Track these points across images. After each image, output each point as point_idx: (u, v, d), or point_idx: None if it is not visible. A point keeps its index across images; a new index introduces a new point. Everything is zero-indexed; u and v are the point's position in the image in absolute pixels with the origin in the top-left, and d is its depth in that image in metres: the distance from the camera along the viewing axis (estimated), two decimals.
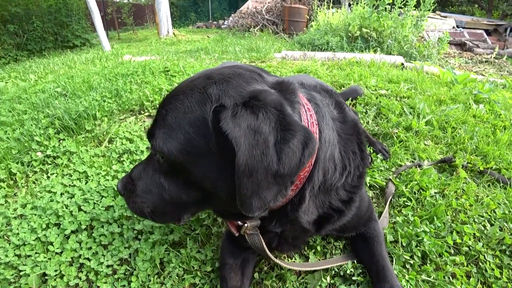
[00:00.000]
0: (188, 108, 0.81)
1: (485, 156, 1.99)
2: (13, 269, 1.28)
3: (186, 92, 0.84)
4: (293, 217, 0.98)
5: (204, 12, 18.30)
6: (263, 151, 0.72)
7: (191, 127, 0.80)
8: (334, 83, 3.04)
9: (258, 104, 0.75)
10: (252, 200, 0.76)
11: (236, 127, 0.72)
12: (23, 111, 2.46)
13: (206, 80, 0.84)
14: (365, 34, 5.71)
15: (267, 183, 0.75)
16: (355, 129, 1.10)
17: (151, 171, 0.95)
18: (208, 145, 0.79)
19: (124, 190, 1.01)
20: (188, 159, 0.82)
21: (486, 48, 8.63)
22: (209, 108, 0.79)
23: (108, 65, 3.96)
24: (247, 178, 0.73)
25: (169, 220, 1.04)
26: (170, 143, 0.82)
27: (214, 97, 0.79)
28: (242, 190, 0.74)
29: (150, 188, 0.94)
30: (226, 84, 0.81)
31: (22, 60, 7.93)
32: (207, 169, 0.82)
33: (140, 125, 2.32)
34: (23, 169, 1.86)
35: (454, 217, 1.51)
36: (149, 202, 0.95)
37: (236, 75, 0.85)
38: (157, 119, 0.87)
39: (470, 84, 3.31)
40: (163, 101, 0.89)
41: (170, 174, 0.90)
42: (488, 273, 1.26)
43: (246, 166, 0.72)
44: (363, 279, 1.22)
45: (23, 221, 1.48)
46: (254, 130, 0.72)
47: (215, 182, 0.83)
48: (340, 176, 1.01)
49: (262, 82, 0.87)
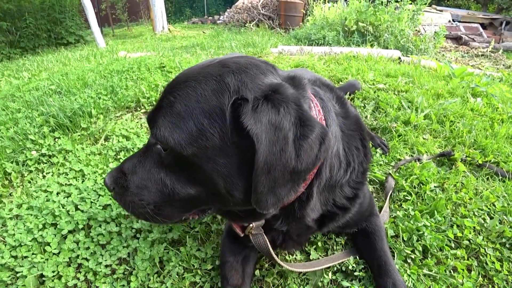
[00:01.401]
0: (202, 97, 0.75)
1: (483, 150, 2.00)
2: (9, 271, 1.26)
3: (199, 79, 0.77)
4: (300, 214, 0.96)
5: (200, 8, 18.11)
6: (282, 148, 0.70)
7: (205, 118, 0.74)
8: (332, 78, 3.02)
9: (279, 98, 0.72)
10: (268, 197, 0.74)
11: (258, 122, 0.68)
12: (17, 110, 2.41)
13: (221, 68, 0.79)
14: (361, 29, 5.69)
15: (283, 180, 0.74)
16: (358, 125, 1.09)
17: (148, 164, 0.85)
18: (223, 139, 0.74)
19: (115, 185, 0.89)
20: (198, 153, 0.75)
21: (482, 42, 8.64)
22: (227, 99, 0.74)
23: (103, 61, 3.91)
24: (265, 176, 0.71)
25: (171, 221, 0.93)
26: (178, 134, 0.74)
27: (232, 88, 0.74)
28: (259, 188, 0.72)
29: (147, 183, 0.85)
30: (244, 75, 0.77)
31: (15, 58, 7.80)
32: (219, 164, 0.76)
33: (137, 122, 2.29)
34: (18, 169, 1.83)
35: (454, 211, 1.51)
36: (147, 199, 0.85)
37: (253, 66, 0.81)
38: (162, 106, 0.79)
39: (468, 78, 3.30)
40: (170, 86, 0.81)
41: (172, 169, 0.82)
42: (488, 266, 1.26)
43: (265, 163, 0.69)
44: (365, 274, 1.22)
45: (19, 221, 1.45)
46: (275, 126, 0.69)
47: (228, 178, 0.77)
48: (344, 173, 1.00)
49: (277, 75, 0.85)
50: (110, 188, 0.90)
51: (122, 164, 0.92)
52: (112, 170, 0.93)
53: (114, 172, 0.91)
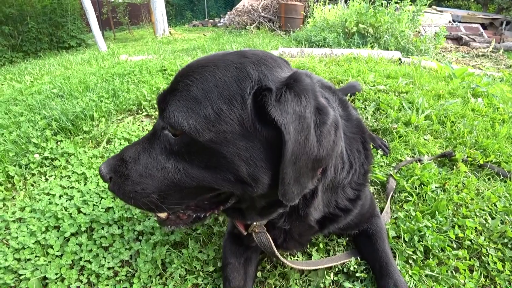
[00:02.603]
0: (222, 82, 0.73)
1: (484, 150, 1.99)
2: (13, 274, 1.27)
3: (218, 65, 0.76)
4: (303, 213, 0.97)
5: (200, 11, 18.21)
6: (306, 136, 0.71)
7: (224, 103, 0.72)
8: (332, 79, 3.03)
9: (300, 87, 0.73)
10: (294, 188, 0.75)
11: (284, 113, 0.69)
12: (19, 113, 2.43)
13: (241, 57, 0.78)
14: (362, 30, 5.70)
15: (307, 169, 0.74)
16: (359, 128, 1.12)
17: (154, 152, 0.80)
18: (243, 125, 0.72)
19: (113, 173, 0.82)
20: (216, 138, 0.72)
21: (482, 42, 8.64)
22: (248, 88, 0.73)
23: (105, 65, 3.94)
24: (291, 166, 0.71)
25: (178, 207, 0.87)
26: (194, 119, 0.71)
27: (254, 77, 0.74)
28: (287, 179, 0.72)
29: (152, 172, 0.79)
30: (264, 67, 0.77)
31: (17, 61, 7.85)
32: (240, 148, 0.73)
33: (138, 125, 2.30)
34: (20, 172, 1.84)
35: (455, 211, 1.51)
36: (151, 188, 0.80)
37: (271, 58, 0.82)
38: (176, 89, 0.76)
39: (468, 78, 3.30)
40: (186, 71, 0.78)
41: (184, 155, 0.77)
42: (490, 267, 1.26)
43: (292, 154, 0.69)
44: (367, 275, 1.22)
45: (22, 224, 1.46)
46: (299, 115, 0.70)
47: (251, 161, 0.74)
48: (347, 174, 1.02)
49: (291, 69, 0.85)
50: (106, 177, 0.83)
51: (122, 152, 0.86)
52: (109, 158, 0.86)
53: (112, 160, 0.85)
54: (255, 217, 0.95)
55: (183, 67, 0.82)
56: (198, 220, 0.94)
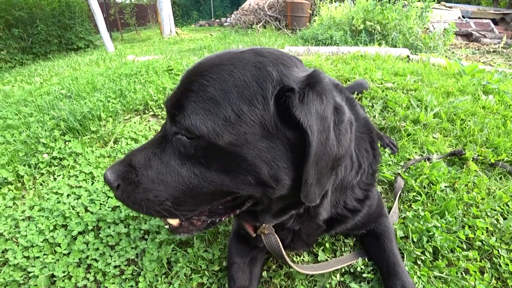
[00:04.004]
0: (241, 81, 0.70)
1: (496, 148, 1.95)
2: (22, 271, 1.29)
3: (236, 64, 0.73)
4: (313, 213, 0.96)
5: (206, 10, 18.28)
6: (327, 136, 0.70)
7: (244, 104, 0.69)
8: (339, 78, 3.00)
9: (321, 86, 0.72)
10: (316, 189, 0.74)
11: (308, 114, 0.68)
12: (29, 114, 2.47)
13: (257, 56, 0.75)
14: (369, 27, 5.63)
15: (327, 169, 0.74)
16: (367, 127, 1.10)
17: (167, 156, 0.76)
18: (264, 126, 0.70)
19: (120, 180, 0.77)
20: (237, 140, 0.69)
21: (493, 38, 8.44)
22: (270, 88, 0.71)
23: (112, 65, 3.98)
24: (314, 167, 0.70)
25: (192, 213, 0.83)
26: (213, 121, 0.68)
27: (275, 77, 0.72)
28: (310, 180, 0.71)
29: (165, 178, 0.75)
30: (282, 66, 0.75)
31: (27, 63, 8.00)
32: (262, 149, 0.71)
33: (145, 125, 2.31)
34: (30, 171, 1.87)
35: (465, 211, 1.48)
36: (164, 195, 0.76)
37: (287, 57, 0.80)
38: (191, 90, 0.71)
39: (478, 75, 3.23)
40: (200, 70, 0.74)
41: (201, 159, 0.73)
42: (502, 268, 1.23)
43: (315, 155, 0.69)
44: (374, 276, 1.20)
45: (31, 223, 1.49)
46: (321, 116, 0.69)
47: (273, 163, 0.72)
48: (356, 174, 1.01)
49: (305, 69, 0.84)
50: (114, 184, 0.77)
51: (129, 157, 0.80)
52: (115, 164, 0.81)
53: (119, 166, 0.79)
54: (268, 219, 0.94)
55: (193, 65, 0.78)
56: (212, 225, 0.91)
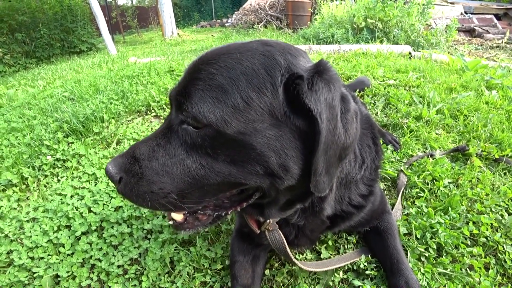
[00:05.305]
0: (249, 69, 0.70)
1: (500, 144, 1.93)
2: (26, 271, 1.30)
3: (243, 52, 0.72)
4: (318, 208, 0.96)
5: (207, 11, 18.32)
6: (335, 125, 0.70)
7: (253, 92, 0.69)
8: (341, 75, 2.99)
9: (329, 74, 0.73)
10: (325, 179, 0.74)
11: (318, 101, 0.68)
12: (32, 117, 2.49)
13: (264, 45, 0.75)
14: (370, 25, 5.60)
15: (335, 158, 0.74)
16: (369, 123, 1.11)
17: (172, 147, 0.74)
18: (273, 114, 0.70)
19: (123, 173, 0.75)
20: (245, 129, 0.68)
21: (496, 33, 8.36)
22: (279, 76, 0.71)
23: (114, 68, 4.00)
24: (323, 156, 0.70)
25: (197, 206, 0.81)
26: (222, 109, 0.67)
27: (284, 65, 0.72)
28: (319, 169, 0.71)
29: (170, 169, 0.73)
30: (289, 55, 0.75)
31: (31, 67, 8.08)
32: (270, 138, 0.70)
33: (147, 126, 2.32)
34: (34, 173, 1.89)
35: (469, 207, 1.47)
36: (169, 187, 0.74)
37: (293, 47, 0.80)
38: (198, 78, 0.70)
39: (482, 70, 3.20)
40: (207, 58, 0.73)
41: (208, 149, 0.71)
42: (507, 264, 1.21)
43: (324, 143, 0.68)
44: (377, 273, 1.19)
45: (35, 224, 1.50)
46: (329, 104, 0.69)
47: (282, 151, 0.71)
48: (359, 169, 1.02)
49: (310, 60, 0.84)
50: (116, 177, 0.75)
51: (132, 150, 0.78)
52: (117, 157, 0.78)
53: (121, 159, 0.77)
54: (274, 213, 0.92)
55: (199, 56, 0.78)
56: (218, 219, 0.89)
